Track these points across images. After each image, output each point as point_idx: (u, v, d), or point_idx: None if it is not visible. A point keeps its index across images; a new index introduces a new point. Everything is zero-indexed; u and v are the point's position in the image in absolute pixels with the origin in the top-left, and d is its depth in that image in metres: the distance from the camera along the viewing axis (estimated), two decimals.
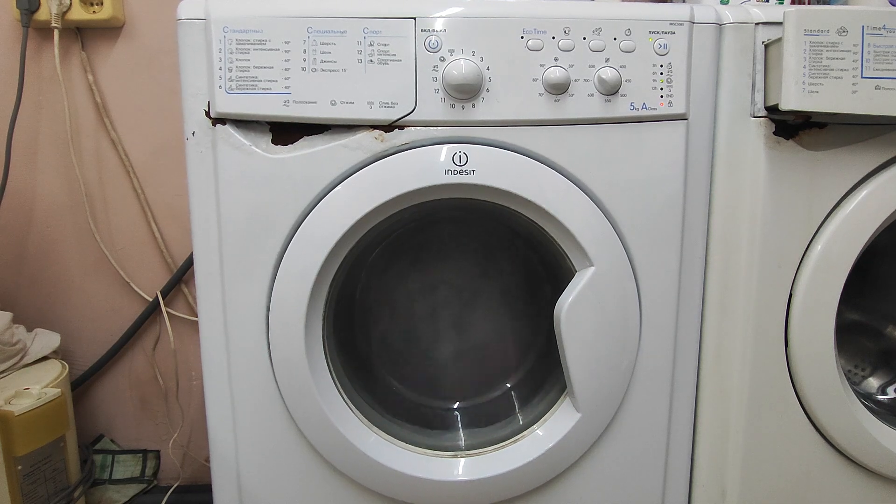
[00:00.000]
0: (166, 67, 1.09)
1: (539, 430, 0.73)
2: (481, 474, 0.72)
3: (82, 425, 1.15)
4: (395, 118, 0.65)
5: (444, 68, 0.64)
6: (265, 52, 0.64)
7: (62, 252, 1.13)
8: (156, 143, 1.11)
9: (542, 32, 0.65)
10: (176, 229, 1.13)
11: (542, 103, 0.66)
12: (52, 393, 0.90)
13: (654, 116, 0.68)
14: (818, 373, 0.72)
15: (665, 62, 0.67)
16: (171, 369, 1.16)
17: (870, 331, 0.93)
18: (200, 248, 0.68)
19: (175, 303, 1.15)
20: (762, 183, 0.70)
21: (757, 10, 0.69)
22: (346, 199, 0.66)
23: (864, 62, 0.63)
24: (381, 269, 0.85)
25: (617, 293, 0.69)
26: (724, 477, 0.76)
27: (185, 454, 1.19)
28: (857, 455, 0.75)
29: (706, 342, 0.74)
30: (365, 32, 0.64)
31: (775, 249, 0.71)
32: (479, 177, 0.66)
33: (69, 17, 1.03)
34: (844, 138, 0.70)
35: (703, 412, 0.76)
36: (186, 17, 0.65)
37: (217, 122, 0.66)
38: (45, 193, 1.11)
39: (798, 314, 0.71)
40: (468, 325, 0.88)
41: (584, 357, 0.70)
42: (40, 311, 1.14)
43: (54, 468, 0.92)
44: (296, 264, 0.66)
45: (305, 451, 0.72)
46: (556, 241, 0.70)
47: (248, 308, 0.68)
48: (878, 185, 0.70)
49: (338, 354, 0.76)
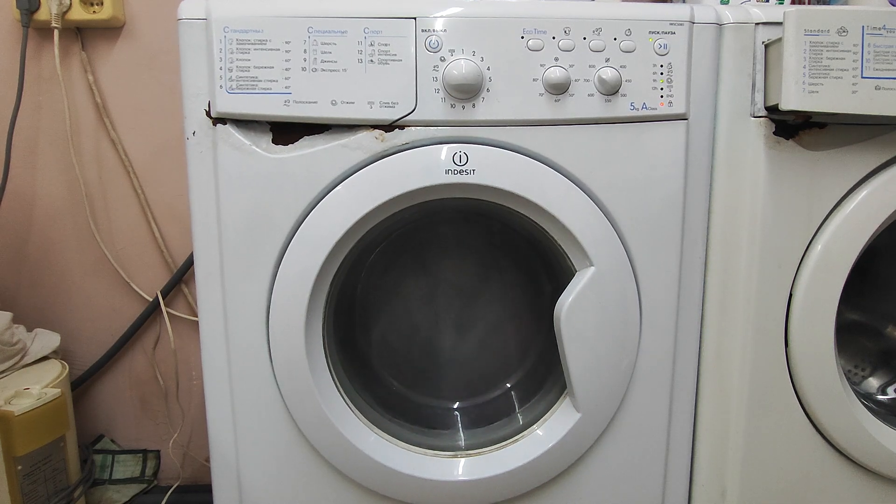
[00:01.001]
0: (166, 67, 1.09)
1: (539, 430, 0.73)
2: (481, 474, 0.72)
3: (82, 425, 1.15)
4: (395, 118, 0.65)
5: (445, 68, 0.64)
6: (265, 52, 0.64)
7: (62, 252, 1.13)
8: (156, 143, 1.11)
9: (542, 32, 0.65)
10: (176, 229, 1.13)
11: (543, 103, 0.66)
12: (52, 393, 0.90)
13: (655, 116, 0.68)
14: (818, 373, 0.72)
15: (665, 62, 0.67)
16: (171, 369, 1.16)
17: (870, 331, 0.93)
18: (200, 248, 0.68)
19: (175, 303, 1.15)
20: (762, 183, 0.70)
21: (757, 10, 0.69)
22: (347, 199, 0.66)
23: (864, 62, 0.63)
24: (381, 269, 0.85)
25: (617, 293, 0.69)
26: (724, 477, 0.76)
27: (185, 454, 1.19)
28: (857, 455, 0.75)
29: (706, 342, 0.74)
30: (365, 32, 0.64)
31: (775, 249, 0.71)
32: (479, 177, 0.66)
33: (69, 17, 1.02)
34: (844, 138, 0.70)
35: (703, 412, 0.76)
36: (187, 16, 0.65)
37: (217, 122, 0.66)
38: (45, 193, 1.11)
39: (798, 314, 0.71)
40: (468, 324, 0.88)
41: (584, 357, 0.70)
42: (40, 311, 1.14)
43: (54, 468, 0.91)
44: (296, 264, 0.66)
45: (305, 450, 0.72)
46: (557, 241, 0.70)
47: (249, 308, 0.68)
48: (878, 185, 0.70)
49: (338, 354, 0.76)
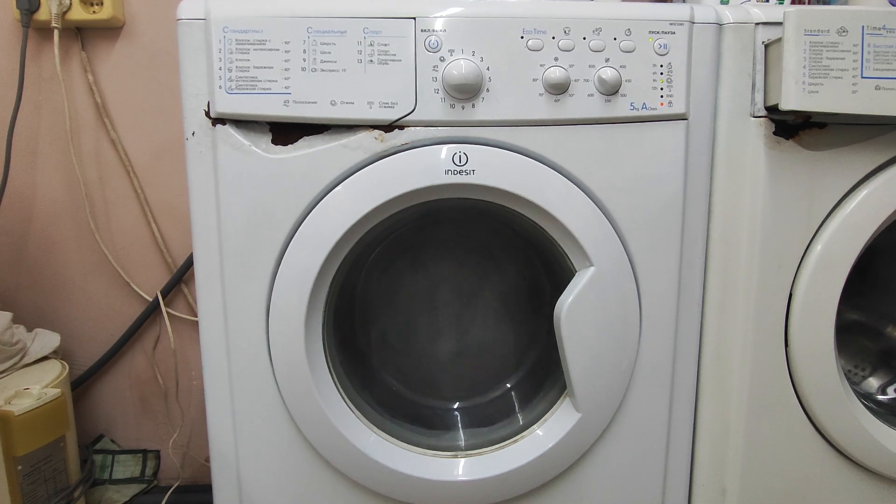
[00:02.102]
0: (166, 67, 1.09)
1: (539, 430, 0.73)
2: (481, 474, 0.72)
3: (82, 425, 1.15)
4: (395, 118, 0.65)
5: (444, 68, 0.64)
6: (265, 52, 0.64)
7: (62, 252, 1.13)
8: (156, 143, 1.11)
9: (542, 32, 0.65)
10: (176, 229, 1.13)
11: (542, 103, 0.66)
12: (52, 393, 0.90)
13: (654, 116, 0.68)
14: (818, 373, 0.72)
15: (665, 62, 0.67)
16: (171, 369, 1.16)
17: (870, 331, 0.93)
18: (200, 248, 0.68)
19: (175, 303, 1.15)
20: (762, 183, 0.70)
21: (757, 10, 0.69)
22: (346, 199, 0.66)
23: (864, 62, 0.63)
24: (381, 269, 0.85)
25: (617, 293, 0.69)
26: (724, 477, 0.76)
27: (185, 454, 1.19)
28: (857, 455, 0.75)
29: (706, 342, 0.74)
30: (365, 32, 0.64)
31: (775, 249, 0.71)
32: (479, 177, 0.66)
33: (69, 17, 1.02)
34: (844, 138, 0.70)
35: (703, 412, 0.76)
36: (186, 17, 0.65)
37: (217, 122, 0.66)
38: (45, 193, 1.11)
39: (798, 314, 0.71)
40: (468, 324, 0.88)
41: (584, 357, 0.69)
42: (40, 311, 1.14)
43: (54, 468, 0.92)
44: (296, 264, 0.66)
45: (305, 450, 0.72)
46: (557, 241, 0.69)
47: (248, 308, 0.68)
48: (878, 185, 0.70)
49: (338, 354, 0.76)
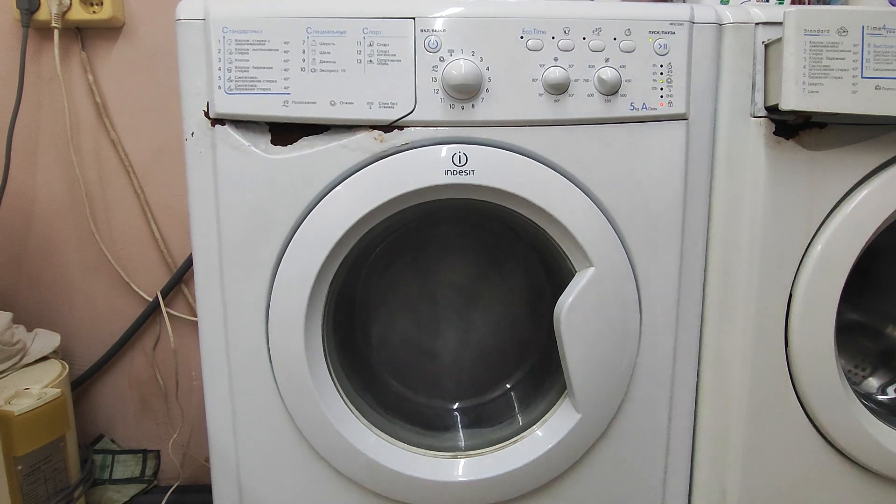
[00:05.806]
0: (166, 67, 1.09)
1: (539, 431, 0.73)
2: (481, 475, 0.72)
3: (82, 425, 1.15)
4: (394, 118, 0.65)
5: (444, 68, 0.64)
6: (264, 53, 0.64)
7: (62, 252, 1.13)
8: (156, 143, 1.11)
9: (541, 32, 0.65)
10: (176, 229, 1.13)
11: (542, 103, 0.66)
12: (52, 393, 0.90)
13: (654, 116, 0.68)
14: (818, 373, 0.72)
15: (665, 62, 0.67)
16: (171, 369, 1.16)
17: (870, 331, 0.93)
18: (200, 249, 0.68)
19: (175, 303, 1.15)
20: (762, 183, 0.69)
21: (757, 10, 0.69)
22: (346, 200, 0.66)
23: (864, 62, 0.63)
24: (381, 269, 0.85)
25: (617, 293, 0.69)
26: (724, 477, 0.76)
27: (185, 454, 1.19)
28: (857, 455, 0.75)
29: (706, 342, 0.74)
30: (364, 32, 0.64)
31: (775, 249, 0.71)
32: (478, 177, 0.66)
33: (69, 17, 1.02)
34: (844, 138, 0.70)
35: (703, 412, 0.76)
36: (186, 17, 0.65)
37: (216, 123, 0.66)
38: (45, 193, 1.11)
39: (798, 314, 0.71)
40: (468, 325, 0.88)
41: (584, 357, 0.69)
42: (40, 311, 1.14)
43: (54, 468, 0.92)
44: (296, 264, 0.66)
45: (305, 451, 0.72)
46: (556, 242, 0.69)
47: (248, 308, 0.68)
48: (878, 185, 0.70)
49: (337, 354, 0.76)
